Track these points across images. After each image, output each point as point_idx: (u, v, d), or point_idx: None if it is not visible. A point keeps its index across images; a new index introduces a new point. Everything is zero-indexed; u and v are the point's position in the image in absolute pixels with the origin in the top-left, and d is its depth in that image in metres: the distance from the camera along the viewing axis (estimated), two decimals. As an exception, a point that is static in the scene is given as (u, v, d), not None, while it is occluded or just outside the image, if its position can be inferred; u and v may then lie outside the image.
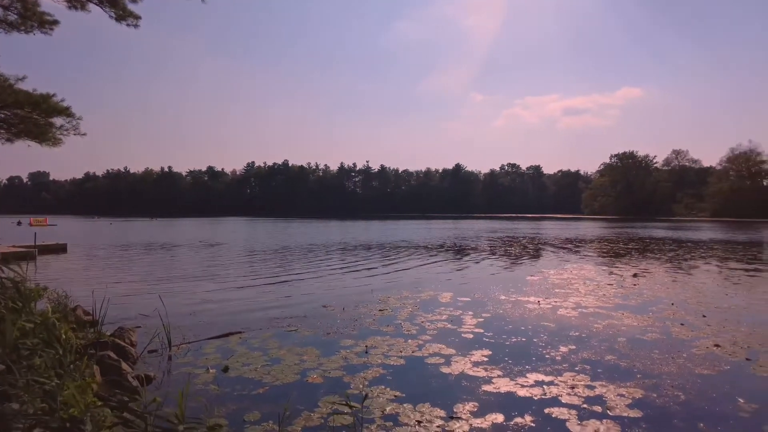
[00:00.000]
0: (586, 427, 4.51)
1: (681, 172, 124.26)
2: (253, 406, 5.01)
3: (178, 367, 6.31)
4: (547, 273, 15.54)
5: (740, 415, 4.82)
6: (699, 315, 9.29)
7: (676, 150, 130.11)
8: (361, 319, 8.93)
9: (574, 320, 8.90)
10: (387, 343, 7.30)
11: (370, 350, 6.92)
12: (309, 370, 6.08)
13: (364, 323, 8.60)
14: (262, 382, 5.71)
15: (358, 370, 6.06)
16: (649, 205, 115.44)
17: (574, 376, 5.86)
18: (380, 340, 7.47)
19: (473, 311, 9.58)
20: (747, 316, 9.27)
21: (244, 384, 5.63)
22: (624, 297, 11.20)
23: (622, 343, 7.34)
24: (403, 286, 12.74)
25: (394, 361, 6.45)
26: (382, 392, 5.34)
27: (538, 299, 10.85)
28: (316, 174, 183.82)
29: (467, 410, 4.86)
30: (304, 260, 19.40)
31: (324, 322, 8.67)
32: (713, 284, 13.30)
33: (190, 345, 7.29)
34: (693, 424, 4.62)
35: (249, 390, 5.45)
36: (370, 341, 7.38)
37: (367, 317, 9.06)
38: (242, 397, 5.26)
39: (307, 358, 6.59)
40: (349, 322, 8.65)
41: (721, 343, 7.30)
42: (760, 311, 9.71)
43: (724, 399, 5.22)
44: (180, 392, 2.95)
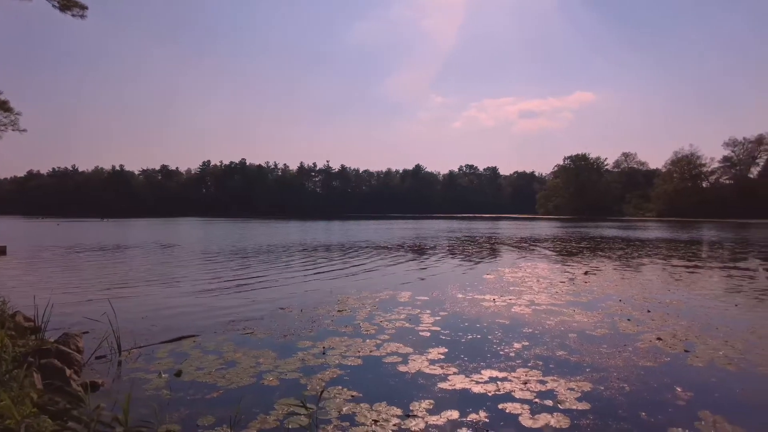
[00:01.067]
0: (538, 420, 4.65)
1: (630, 174, 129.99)
2: (207, 410, 4.90)
3: (128, 372, 6.10)
4: (503, 271, 15.92)
5: (678, 403, 5.10)
6: (644, 310, 9.75)
7: (625, 153, 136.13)
8: (319, 320, 8.89)
9: (528, 317, 9.16)
10: (345, 343, 7.30)
11: (328, 351, 6.89)
12: (265, 373, 6.00)
13: (323, 324, 8.56)
14: (217, 385, 5.59)
15: (315, 372, 6.03)
16: (601, 206, 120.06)
17: (527, 371, 6.04)
18: (338, 340, 7.45)
19: (431, 310, 9.71)
20: (686, 310, 9.80)
21: (197, 388, 5.50)
22: (575, 294, 11.61)
23: (573, 339, 7.61)
24: (363, 286, 12.75)
25: (351, 361, 6.45)
26: (339, 392, 5.33)
27: (494, 297, 11.11)
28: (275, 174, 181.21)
29: (423, 408, 4.92)
30: (262, 262, 19.09)
31: (281, 324, 8.57)
32: (657, 281, 13.98)
33: (142, 350, 7.05)
34: (636, 413, 4.84)
35: (203, 394, 5.33)
36: (327, 342, 7.35)
37: (325, 318, 9.02)
38: (196, 401, 5.14)
39: (263, 360, 6.51)
40: (307, 324, 8.59)
41: (663, 337, 7.69)
42: (698, 306, 10.29)
43: (664, 389, 5.50)
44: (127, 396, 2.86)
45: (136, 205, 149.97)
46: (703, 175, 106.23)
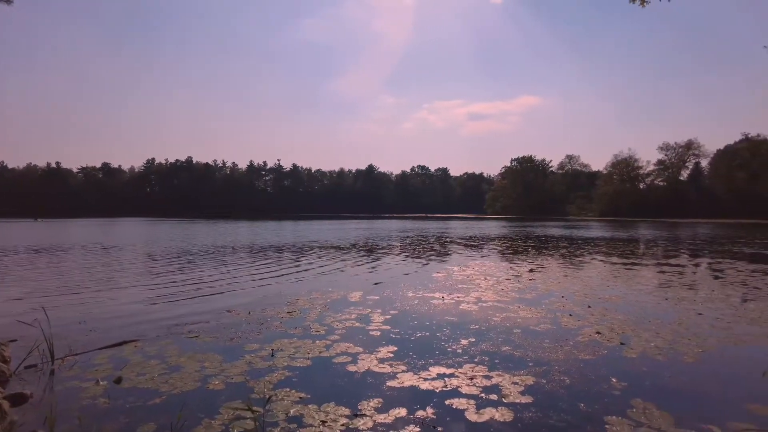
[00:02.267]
0: (483, 415, 4.77)
1: (573, 175, 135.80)
2: (148, 417, 4.72)
3: (61, 381, 5.76)
4: (452, 270, 16.22)
5: (613, 392, 5.37)
6: (585, 306, 10.20)
7: (569, 155, 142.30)
8: (267, 322, 8.74)
9: (475, 314, 9.38)
10: (294, 345, 7.21)
11: (276, 353, 6.79)
12: (210, 377, 5.84)
13: (271, 326, 8.42)
14: (159, 391, 5.39)
15: (262, 374, 5.93)
16: (546, 206, 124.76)
17: (473, 367, 6.18)
18: (287, 342, 7.36)
19: (382, 309, 9.76)
20: (623, 305, 10.34)
21: (138, 395, 5.28)
22: (520, 291, 11.99)
23: (518, 334, 7.86)
24: (314, 287, 12.64)
25: (300, 362, 6.39)
26: (286, 395, 5.27)
27: (443, 295, 11.30)
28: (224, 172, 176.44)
29: (372, 407, 4.94)
30: (209, 263, 18.55)
31: (228, 327, 8.37)
32: (598, 277, 14.66)
33: (78, 357, 6.69)
34: (575, 405, 5.06)
35: (144, 401, 5.13)
36: (276, 344, 7.24)
37: (274, 320, 8.88)
38: (136, 408, 4.94)
39: (209, 364, 6.33)
40: (255, 326, 8.43)
41: (602, 331, 8.07)
42: (633, 300, 10.87)
43: (601, 380, 5.78)
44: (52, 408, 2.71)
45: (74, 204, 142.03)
46: (640, 178, 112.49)
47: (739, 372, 6.17)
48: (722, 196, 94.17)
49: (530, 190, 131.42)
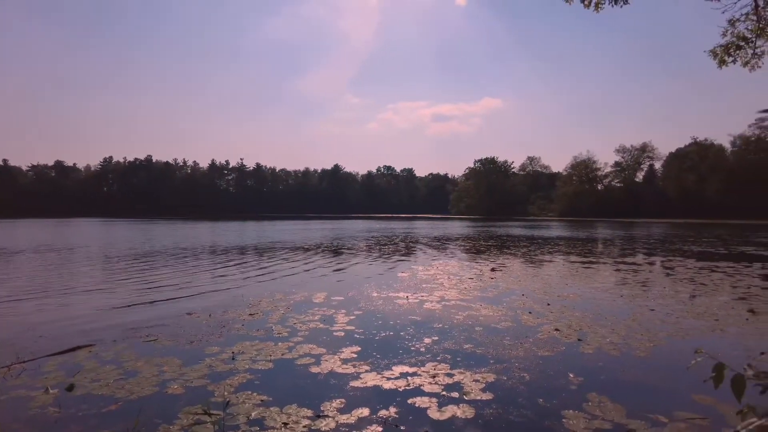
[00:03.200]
0: (445, 413, 4.84)
1: (534, 176, 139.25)
2: (103, 424, 4.56)
3: (6, 391, 5.49)
4: (417, 270, 16.35)
5: (570, 387, 5.54)
6: (544, 303, 10.47)
7: (530, 157, 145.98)
8: (229, 324, 8.58)
9: (438, 313, 9.49)
10: (256, 347, 7.11)
11: (237, 356, 6.68)
12: (169, 381, 5.69)
13: (233, 329, 8.27)
14: (115, 397, 5.22)
15: (223, 377, 5.82)
16: (508, 206, 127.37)
17: (435, 365, 6.26)
18: (249, 345, 7.25)
19: (346, 310, 9.74)
20: (581, 302, 10.67)
21: (92, 402, 5.10)
22: (483, 290, 12.21)
23: (479, 332, 8.00)
24: (277, 288, 12.50)
25: (262, 365, 6.31)
26: (248, 397, 5.19)
27: (407, 295, 11.38)
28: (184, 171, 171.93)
29: (334, 407, 4.93)
30: (169, 265, 18.05)
31: (188, 330, 8.17)
32: (557, 276, 15.07)
33: (25, 365, 6.39)
34: (534, 400, 5.19)
35: (98, 408, 4.95)
36: (237, 347, 7.12)
37: (235, 322, 8.72)
38: (89, 416, 4.76)
39: (168, 368, 6.17)
40: (216, 329, 8.26)
41: (560, 327, 8.31)
42: (591, 298, 11.23)
43: (559, 375, 5.96)
44: None
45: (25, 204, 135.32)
46: (598, 179, 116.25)
47: (686, 364, 6.47)
48: (673, 197, 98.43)
49: (493, 191, 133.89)
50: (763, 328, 8.36)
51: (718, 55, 6.77)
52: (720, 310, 9.75)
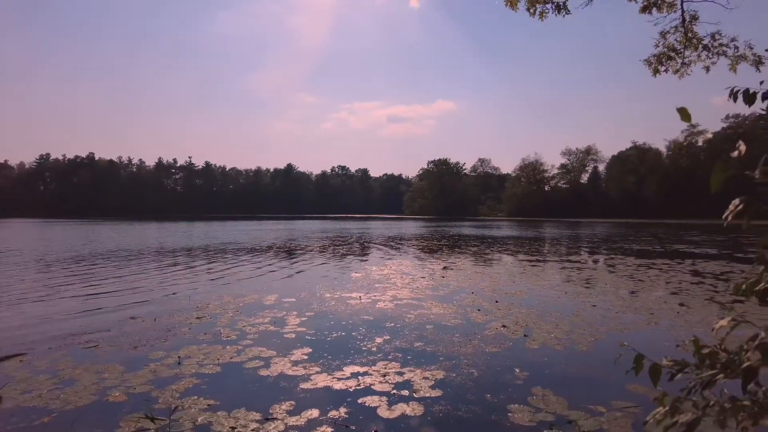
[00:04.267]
0: (395, 411, 4.87)
1: (485, 177, 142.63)
2: (34, 438, 4.31)
3: (-74, 405, 5.08)
4: (371, 270, 16.39)
5: (516, 382, 5.72)
6: (492, 301, 10.74)
7: (481, 158, 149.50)
8: (175, 328, 8.30)
9: (390, 312, 9.55)
10: (203, 351, 6.91)
11: (184, 361, 6.47)
12: (110, 389, 5.44)
13: (179, 333, 8.01)
14: (48, 408, 4.93)
15: (168, 383, 5.62)
16: (460, 207, 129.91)
17: (386, 364, 6.30)
18: (196, 349, 7.04)
19: (297, 311, 9.63)
20: (527, 299, 11.02)
21: (22, 415, 4.80)
22: (434, 288, 12.38)
23: (430, 330, 8.11)
24: (226, 291, 12.19)
25: (209, 369, 6.14)
26: (194, 402, 5.04)
27: (360, 295, 11.38)
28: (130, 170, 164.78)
29: (284, 410, 4.87)
30: (111, 269, 17.25)
31: (131, 335, 7.84)
32: (505, 274, 15.48)
33: (-53, 376, 5.94)
34: (482, 396, 5.32)
35: (29, 421, 4.67)
36: (184, 351, 6.90)
37: (182, 326, 8.45)
38: (19, 430, 4.48)
39: (108, 375, 5.90)
40: (161, 333, 7.97)
41: (507, 324, 8.55)
42: (537, 295, 11.62)
43: (506, 370, 6.13)
44: None
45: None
46: (546, 180, 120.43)
47: (623, 357, 6.81)
48: (616, 197, 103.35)
49: (446, 192, 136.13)
50: (691, 320, 8.91)
51: (652, 64, 7.19)
52: (655, 305, 10.32)
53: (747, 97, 1.67)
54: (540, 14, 6.75)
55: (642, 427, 4.49)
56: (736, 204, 1.31)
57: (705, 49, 6.69)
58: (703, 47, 6.68)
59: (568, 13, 6.74)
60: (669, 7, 6.74)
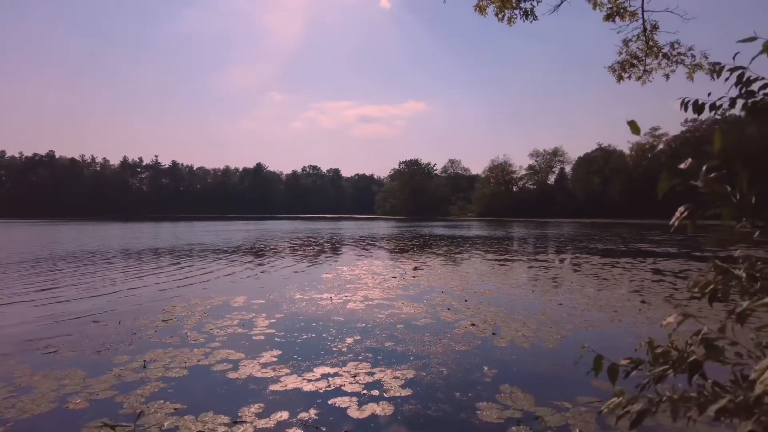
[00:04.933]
0: (365, 411, 4.89)
1: (455, 178, 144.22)
2: (-11, 448, 4.14)
3: None
4: (342, 270, 16.35)
5: (485, 380, 5.81)
6: (462, 300, 10.87)
7: (451, 159, 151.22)
8: (140, 331, 8.10)
9: (361, 312, 9.56)
10: (170, 354, 6.77)
11: (149, 364, 6.33)
12: (70, 395, 5.27)
13: (144, 336, 7.82)
14: (3, 418, 4.74)
15: (133, 388, 5.49)
16: (431, 207, 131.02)
17: (357, 365, 6.31)
18: (162, 352, 6.89)
19: (267, 313, 9.53)
20: (495, 298, 11.21)
21: (-25, 425, 4.61)
22: (405, 288, 12.46)
23: (400, 330, 8.16)
24: (193, 293, 11.96)
25: (176, 372, 6.02)
26: (160, 407, 4.94)
27: (331, 295, 11.35)
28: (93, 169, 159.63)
29: (252, 412, 4.82)
30: (72, 270, 16.69)
31: (94, 339, 7.62)
32: (475, 273, 15.70)
33: None
34: (451, 394, 5.39)
35: (-17, 431, 4.48)
36: (149, 355, 6.75)
37: (147, 329, 8.25)
38: (-27, 440, 4.30)
39: (69, 381, 5.71)
40: (126, 337, 7.77)
41: (476, 323, 8.68)
42: (505, 294, 11.83)
43: (475, 369, 6.23)
44: None
45: None
46: (514, 181, 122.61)
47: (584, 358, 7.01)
48: (582, 198, 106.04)
49: (417, 192, 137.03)
50: (652, 317, 9.23)
51: (616, 71, 7.45)
52: (618, 303, 10.65)
53: (696, 107, 1.77)
54: (508, 20, 6.90)
55: (605, 422, 4.64)
56: (682, 211, 1.38)
57: (665, 58, 6.97)
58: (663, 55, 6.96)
59: (536, 19, 6.92)
60: (631, 15, 6.99)
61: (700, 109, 1.75)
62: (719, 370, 1.57)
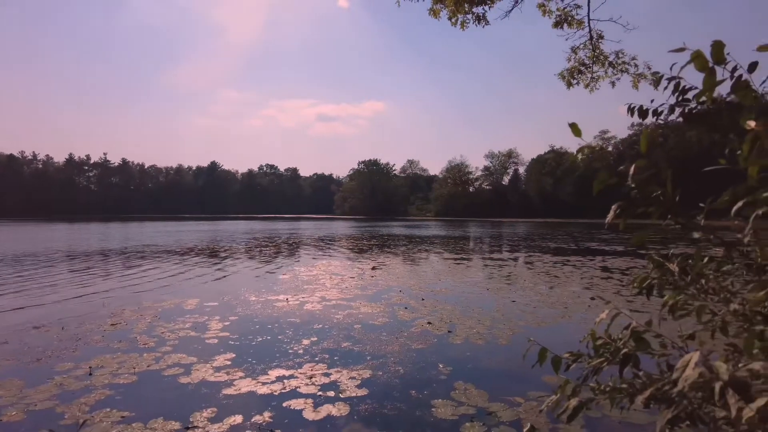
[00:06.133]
0: (320, 412, 4.86)
1: (414, 178, 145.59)
2: None
3: None
4: (299, 271, 16.18)
5: (440, 378, 5.90)
6: (419, 299, 10.99)
7: (410, 159, 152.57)
8: (86, 337, 7.74)
9: (318, 313, 9.50)
10: (117, 360, 6.51)
11: (95, 371, 6.06)
12: (5, 408, 4.98)
13: (90, 341, 7.48)
14: (-70, 433, 4.44)
15: (76, 397, 5.24)
16: (390, 207, 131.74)
17: (313, 366, 6.26)
18: (109, 358, 6.61)
19: (221, 315, 9.31)
20: (452, 296, 11.39)
21: None
22: (363, 288, 12.46)
23: (358, 330, 8.16)
24: (144, 296, 11.54)
25: (124, 379, 5.79)
26: (106, 416, 4.74)
27: (287, 297, 11.21)
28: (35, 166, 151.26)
29: (205, 417, 4.71)
30: (10, 274, 15.76)
31: (34, 347, 7.22)
32: (432, 272, 15.90)
33: None
34: (407, 392, 5.43)
35: None
36: (96, 361, 6.46)
37: (94, 334, 7.90)
38: None
39: (4, 393, 5.39)
40: (70, 343, 7.41)
41: (433, 321, 8.79)
42: (461, 292, 12.04)
43: (431, 366, 6.31)
44: None
45: None
46: (470, 181, 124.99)
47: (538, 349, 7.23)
48: (534, 198, 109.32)
49: (376, 192, 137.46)
50: (601, 312, 9.61)
51: (565, 78, 7.72)
52: (569, 299, 11.04)
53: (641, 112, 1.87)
54: (461, 24, 7.03)
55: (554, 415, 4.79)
56: (615, 209, 1.46)
57: (611, 66, 7.28)
58: (609, 64, 7.28)
59: (488, 23, 7.09)
60: (578, 23, 7.27)
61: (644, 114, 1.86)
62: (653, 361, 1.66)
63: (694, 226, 1.40)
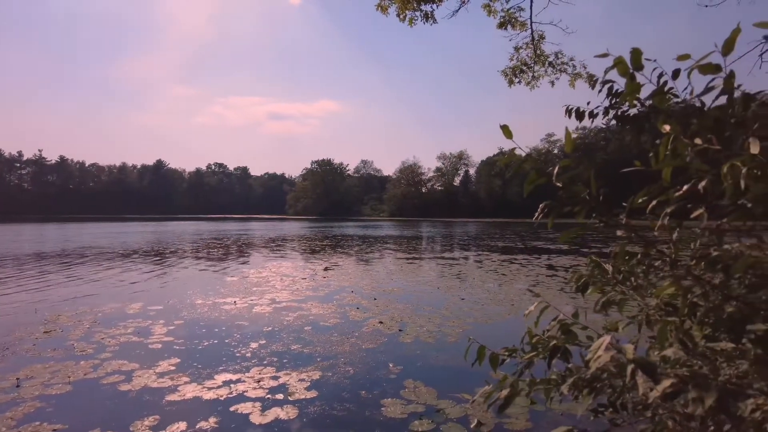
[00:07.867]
0: (268, 416, 4.78)
1: (368, 178, 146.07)
2: None
3: None
4: (248, 272, 15.85)
5: (390, 377, 5.94)
6: (371, 298, 11.02)
7: (364, 160, 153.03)
8: (14, 345, 7.27)
9: (268, 316, 9.34)
10: (51, 369, 6.15)
11: (24, 382, 5.70)
12: None
13: (19, 350, 7.03)
14: None
15: (2, 411, 4.91)
16: (344, 207, 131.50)
17: (261, 369, 6.15)
18: (41, 367, 6.24)
19: (165, 320, 8.98)
20: (403, 295, 11.49)
21: None
22: (315, 289, 12.36)
23: (308, 332, 8.09)
24: (82, 300, 10.96)
25: (57, 389, 5.48)
26: (35, 429, 4.48)
27: (235, 299, 10.95)
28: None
29: (146, 426, 4.53)
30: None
31: (-44, 357, 6.71)
32: (384, 272, 15.97)
33: None
34: (357, 393, 5.43)
35: None
36: (25, 371, 6.07)
37: (25, 342, 7.43)
38: None
39: None
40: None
41: (384, 320, 8.84)
42: (412, 291, 12.16)
43: (381, 366, 6.33)
44: None
45: None
46: (423, 182, 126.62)
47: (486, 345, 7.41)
48: (484, 198, 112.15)
49: (330, 192, 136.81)
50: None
51: (507, 76, 7.99)
52: (516, 296, 11.38)
53: (578, 114, 1.95)
54: (409, 20, 7.12)
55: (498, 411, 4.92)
56: (542, 208, 1.53)
57: (551, 66, 7.60)
58: (549, 64, 7.59)
59: (435, 22, 7.22)
60: (521, 25, 7.53)
61: (580, 116, 1.93)
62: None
63: (616, 224, 1.47)
